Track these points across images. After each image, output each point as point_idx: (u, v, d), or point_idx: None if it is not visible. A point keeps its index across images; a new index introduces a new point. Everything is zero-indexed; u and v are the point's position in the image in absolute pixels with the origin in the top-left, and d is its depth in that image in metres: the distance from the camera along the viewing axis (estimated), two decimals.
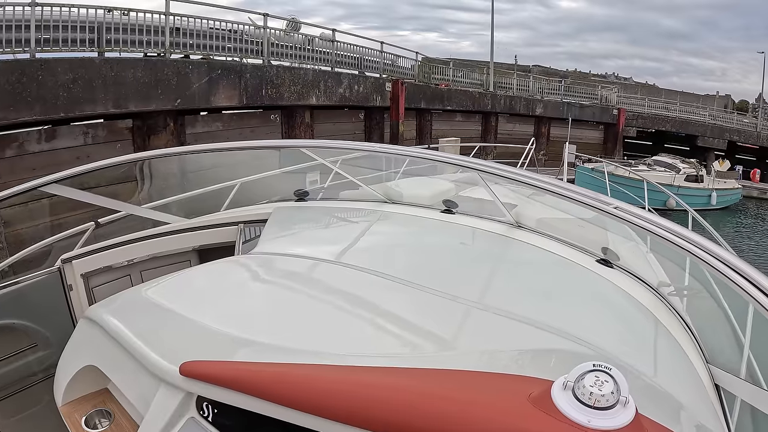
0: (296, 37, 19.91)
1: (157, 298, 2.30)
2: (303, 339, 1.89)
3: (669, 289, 2.96)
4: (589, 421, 1.26)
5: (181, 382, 1.68)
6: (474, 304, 2.35)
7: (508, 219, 3.46)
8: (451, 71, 30.87)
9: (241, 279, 2.56)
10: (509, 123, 31.62)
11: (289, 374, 1.57)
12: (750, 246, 22.74)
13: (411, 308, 2.23)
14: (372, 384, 1.51)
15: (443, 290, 2.38)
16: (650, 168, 26.71)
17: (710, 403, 2.05)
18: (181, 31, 15.02)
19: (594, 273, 2.91)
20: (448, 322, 2.16)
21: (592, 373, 1.34)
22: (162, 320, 2.11)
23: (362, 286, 2.44)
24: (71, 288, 3.16)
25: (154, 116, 13.74)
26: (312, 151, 4.17)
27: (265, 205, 3.94)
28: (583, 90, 38.42)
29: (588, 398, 1.29)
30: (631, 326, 2.51)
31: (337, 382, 1.53)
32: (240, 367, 1.66)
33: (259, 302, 2.26)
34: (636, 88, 60.13)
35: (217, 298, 2.29)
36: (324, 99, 19.75)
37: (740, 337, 2.60)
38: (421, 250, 3.18)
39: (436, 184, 4.72)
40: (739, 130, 42.22)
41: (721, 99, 77.53)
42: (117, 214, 3.67)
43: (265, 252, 2.89)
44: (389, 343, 1.98)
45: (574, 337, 2.05)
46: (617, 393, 1.30)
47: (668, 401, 1.81)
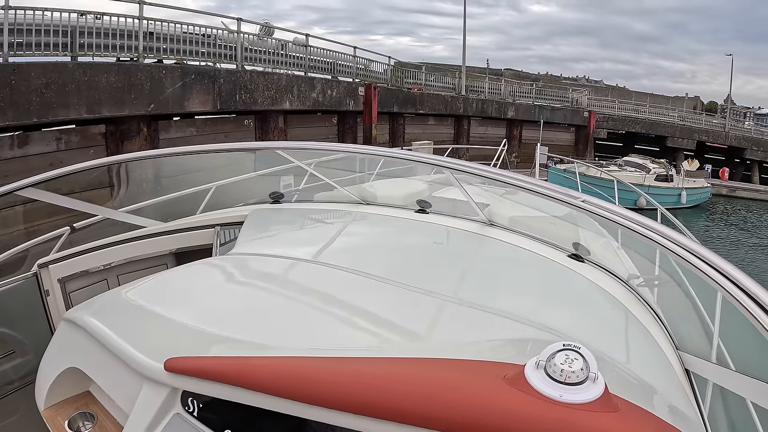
0: (270, 42, 20.02)
1: (136, 299, 2.32)
2: (283, 335, 1.95)
3: (638, 280, 3.08)
4: (561, 396, 1.34)
5: (166, 378, 1.71)
6: (449, 298, 2.41)
7: (480, 217, 3.54)
8: (424, 75, 31.22)
9: (220, 279, 2.59)
10: (481, 126, 32.01)
11: (275, 365, 1.63)
12: (720, 242, 23.37)
13: (387, 304, 2.29)
14: (354, 371, 1.57)
15: (419, 286, 2.44)
16: (621, 168, 27.24)
17: (680, 387, 2.14)
18: (155, 36, 15.03)
19: (565, 267, 3.02)
20: (424, 317, 2.22)
21: (563, 352, 1.43)
22: (143, 320, 2.14)
23: (339, 284, 2.49)
24: (48, 293, 3.16)
25: (127, 121, 13.70)
26: (287, 152, 4.20)
27: (241, 208, 3.97)
28: (555, 93, 39.05)
29: (559, 375, 1.38)
30: (602, 317, 2.61)
31: (321, 370, 1.58)
32: (225, 361, 1.69)
33: (239, 301, 2.29)
34: (607, 91, 61.04)
35: (196, 297, 2.32)
36: (297, 104, 19.86)
37: (709, 323, 2.71)
38: (397, 249, 3.25)
39: (410, 184, 4.87)
40: (707, 131, 43.10)
41: (691, 100, 78.91)
42: (92, 219, 3.67)
43: (243, 253, 2.95)
44: (367, 337, 2.05)
45: (546, 327, 2.14)
46: (587, 369, 1.39)
47: (640, 385, 1.89)
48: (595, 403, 1.33)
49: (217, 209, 4.05)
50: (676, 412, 1.80)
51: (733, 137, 42.79)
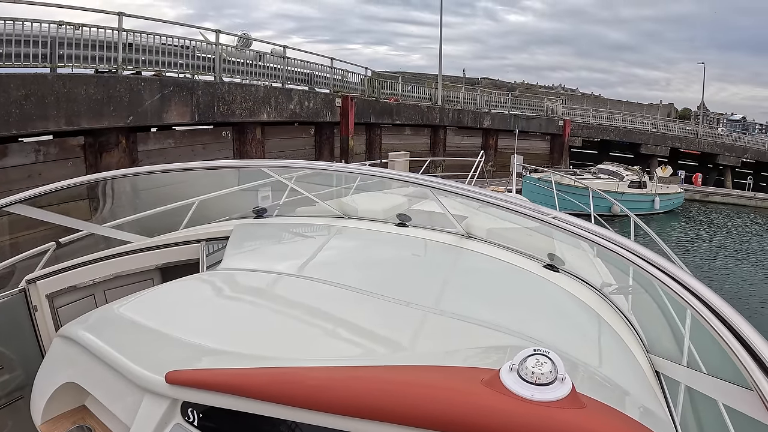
0: (247, 54, 20.16)
1: (130, 314, 2.37)
2: (275, 347, 2.02)
3: (611, 288, 3.23)
4: (532, 395, 1.48)
5: (167, 390, 1.78)
6: (429, 309, 2.52)
7: (459, 230, 3.66)
8: (400, 86, 31.60)
9: (211, 294, 2.65)
10: (458, 136, 32.47)
11: (272, 374, 1.73)
12: (693, 246, 23.94)
13: (371, 316, 2.39)
14: (347, 376, 1.69)
15: (400, 298, 2.55)
16: (595, 176, 27.75)
17: (650, 387, 2.28)
18: (134, 47, 15.08)
19: (541, 277, 3.14)
20: (406, 327, 2.34)
21: (533, 356, 1.57)
22: (139, 335, 2.19)
23: (325, 297, 2.58)
24: (36, 309, 3.16)
25: (106, 133, 13.72)
26: (273, 170, 4.33)
27: (225, 223, 4.04)
28: (530, 102, 39.61)
29: (530, 377, 1.52)
30: (575, 324, 2.75)
31: (316, 377, 1.69)
32: (224, 371, 1.77)
33: (228, 315, 2.36)
34: (582, 99, 62.02)
35: (189, 312, 2.39)
36: (275, 115, 19.98)
37: (680, 328, 2.82)
38: (379, 262, 3.36)
39: (390, 198, 4.95)
40: (681, 137, 44.08)
41: (665, 108, 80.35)
42: (78, 234, 3.69)
43: (231, 268, 3.03)
44: (354, 348, 2.15)
45: (523, 335, 2.26)
46: (555, 371, 1.53)
47: (610, 387, 2.01)
48: (563, 401, 1.47)
49: (200, 223, 4.14)
50: (646, 411, 1.92)
51: (706, 143, 43.80)
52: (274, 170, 4.36)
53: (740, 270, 20.56)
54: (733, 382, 1.82)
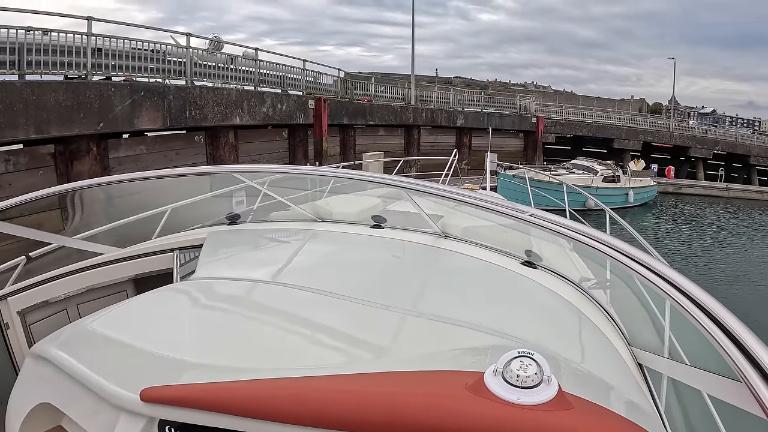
0: (219, 57, 20.08)
1: (103, 329, 2.31)
2: (249, 358, 1.99)
3: (590, 283, 3.22)
4: (518, 399, 1.46)
5: (143, 408, 1.73)
6: (408, 312, 2.50)
7: (435, 230, 3.63)
8: (373, 86, 31.70)
9: (185, 305, 2.59)
10: (431, 135, 32.69)
11: (249, 388, 1.70)
12: (668, 237, 24.45)
13: (349, 321, 2.36)
14: (327, 388, 1.66)
15: (379, 301, 2.53)
16: (569, 172, 28.15)
17: (634, 380, 2.27)
18: (103, 52, 14.93)
19: (519, 275, 3.13)
20: (385, 331, 2.32)
21: (518, 359, 1.56)
22: (112, 350, 2.14)
23: (300, 303, 2.55)
24: (8, 326, 3.07)
25: (76, 141, 13.56)
26: (244, 175, 4.21)
27: (198, 230, 3.94)
28: (503, 100, 39.99)
29: (516, 380, 1.51)
30: (555, 320, 2.73)
31: (294, 390, 1.66)
32: (200, 387, 1.72)
33: (204, 326, 2.31)
34: (554, 96, 62.61)
35: (163, 325, 2.34)
36: (248, 118, 19.93)
37: (660, 320, 2.85)
38: (355, 265, 3.32)
39: (364, 200, 4.97)
40: (653, 131, 44.86)
41: (636, 103, 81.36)
42: (49, 247, 3.60)
43: (205, 277, 2.96)
44: (334, 355, 2.12)
45: (503, 334, 2.25)
46: (540, 373, 1.52)
47: (594, 382, 2.01)
48: (550, 403, 1.46)
49: (174, 232, 4.05)
50: (631, 405, 1.91)
51: (678, 136, 44.61)
52: (246, 175, 4.25)
53: (715, 258, 21.07)
54: (719, 374, 1.81)
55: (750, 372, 1.47)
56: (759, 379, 1.44)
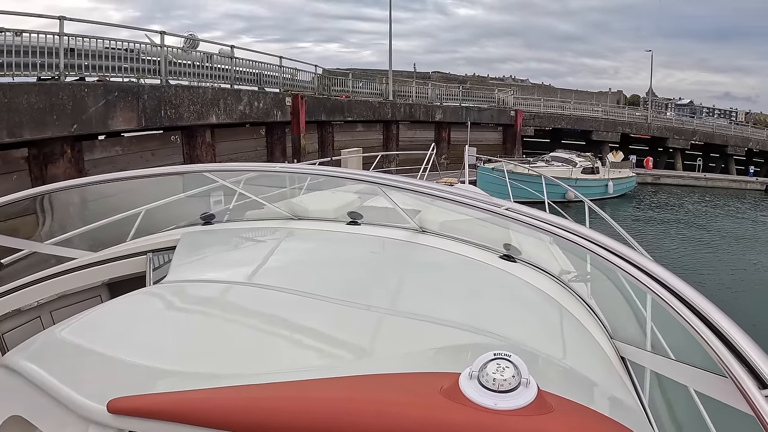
0: (195, 55, 19.97)
1: (73, 338, 2.23)
2: (226, 363, 1.93)
3: (570, 276, 3.19)
4: (496, 404, 1.41)
5: (111, 420, 1.67)
6: (386, 310, 2.45)
7: (411, 225, 3.61)
8: (351, 82, 31.72)
9: (157, 310, 2.52)
10: (410, 130, 32.77)
11: (217, 398, 1.63)
12: (648, 227, 24.83)
13: (326, 322, 2.30)
14: (296, 397, 1.60)
15: (356, 301, 2.47)
16: (548, 164, 28.38)
17: (617, 375, 2.25)
18: (76, 52, 14.75)
19: (498, 269, 3.09)
20: (363, 331, 2.26)
21: (494, 361, 1.51)
22: (82, 360, 2.06)
23: (277, 305, 2.49)
24: None
25: (50, 144, 13.40)
26: (216, 174, 4.12)
27: (172, 231, 3.84)
28: (482, 94, 40.17)
29: (492, 384, 1.45)
30: (536, 314, 2.70)
31: (267, 399, 1.60)
32: (168, 397, 1.67)
33: (178, 331, 2.24)
34: (533, 89, 63.02)
35: (135, 331, 2.26)
36: (224, 117, 19.84)
37: (643, 312, 2.85)
38: (331, 264, 3.25)
39: (340, 196, 4.87)
40: (631, 123, 45.33)
41: (614, 95, 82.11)
42: (21, 253, 3.52)
43: (178, 280, 2.86)
44: (308, 358, 2.06)
45: (483, 330, 2.21)
46: (518, 376, 1.46)
47: (577, 379, 1.97)
48: (529, 408, 1.41)
49: (148, 233, 3.95)
50: (614, 401, 1.89)
51: (656, 128, 45.14)
52: (221, 174, 4.19)
53: (694, 247, 21.47)
54: (704, 369, 1.79)
55: (736, 368, 1.45)
56: (745, 374, 1.43)
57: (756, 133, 51.08)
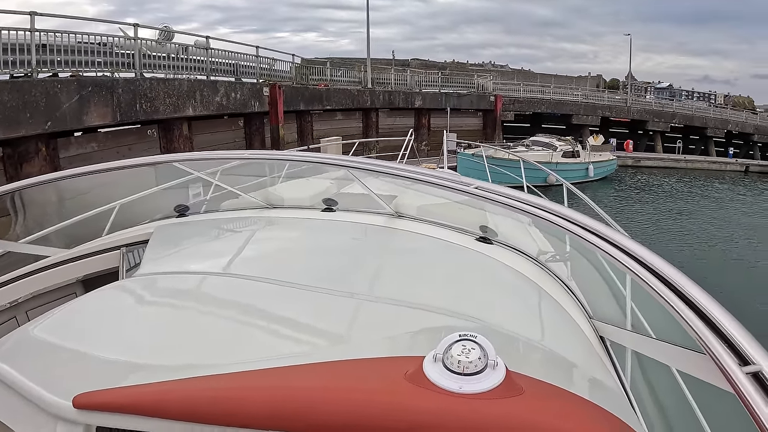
0: (170, 47, 19.81)
1: (45, 335, 2.19)
2: (197, 354, 1.90)
3: (549, 256, 3.20)
4: (461, 387, 1.37)
5: (77, 416, 1.64)
6: (362, 296, 2.42)
7: (387, 210, 3.59)
8: (329, 71, 31.63)
9: (128, 303, 2.48)
10: (390, 117, 32.87)
11: (183, 390, 1.60)
12: (628, 209, 25.17)
13: (300, 309, 2.28)
14: (260, 386, 1.58)
15: (331, 287, 2.45)
16: (528, 148, 28.56)
17: (596, 355, 2.24)
18: (48, 48, 14.55)
19: (474, 251, 3.09)
20: (339, 318, 2.23)
21: (459, 343, 1.46)
22: (51, 357, 2.03)
23: (251, 294, 2.46)
24: None
25: (24, 142, 13.25)
26: (188, 165, 4.09)
27: (146, 225, 3.79)
28: (461, 80, 40.22)
29: (457, 366, 1.40)
30: (512, 295, 2.69)
31: (230, 389, 1.58)
32: (134, 390, 1.63)
33: (149, 324, 2.21)
34: (513, 75, 63.14)
35: (105, 325, 2.23)
36: (201, 109, 19.75)
37: (622, 291, 2.86)
38: (306, 251, 3.22)
39: (316, 184, 4.85)
40: (610, 106, 45.72)
41: (594, 79, 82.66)
42: None
43: (149, 273, 2.83)
44: (282, 346, 2.02)
45: (458, 313, 2.19)
46: (485, 358, 1.42)
47: (554, 360, 1.95)
48: (496, 390, 1.37)
49: (124, 229, 3.89)
50: (593, 381, 1.87)
51: (636, 111, 45.58)
52: (194, 165, 4.14)
53: (675, 228, 21.88)
54: (683, 346, 1.76)
55: (714, 343, 1.44)
56: (723, 350, 1.42)
57: (735, 115, 51.62)
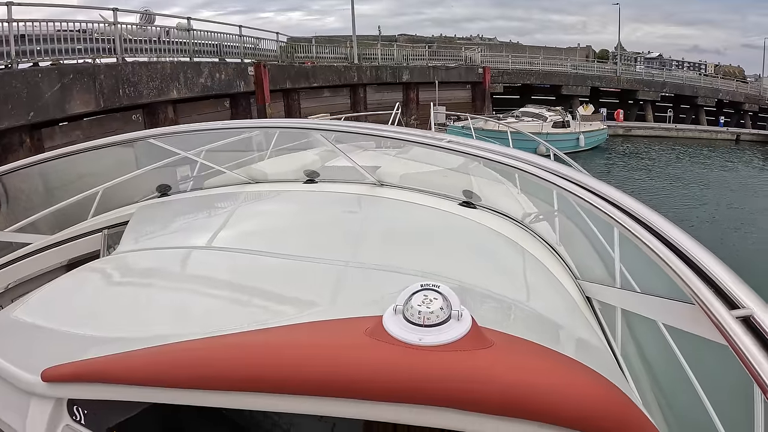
0: (152, 30, 19.67)
1: (19, 317, 2.23)
2: (170, 326, 1.90)
3: (535, 219, 3.20)
4: (420, 339, 1.29)
5: (47, 389, 1.65)
6: (341, 263, 2.41)
7: (370, 180, 3.58)
8: (314, 48, 31.45)
9: (102, 281, 2.51)
10: (377, 92, 32.66)
11: (144, 356, 1.59)
12: (619, 177, 25.42)
13: (278, 278, 2.27)
14: (219, 347, 1.55)
15: (311, 255, 2.45)
16: (518, 119, 28.53)
17: (581, 314, 2.24)
18: (27, 38, 14.47)
19: (457, 215, 3.09)
20: (315, 284, 2.21)
21: (420, 293, 1.38)
22: (25, 336, 2.08)
23: (227, 266, 2.48)
24: None
25: (8, 135, 13.18)
26: (171, 144, 4.08)
27: (128, 207, 3.78)
28: (449, 53, 40.05)
29: (417, 318, 1.33)
30: (497, 258, 2.70)
31: (194, 351, 1.56)
32: (101, 360, 1.64)
33: (122, 300, 2.23)
34: (501, 47, 62.78)
35: (78, 304, 2.26)
36: (185, 91, 19.69)
37: (609, 252, 2.81)
38: (287, 222, 3.25)
39: (300, 158, 4.83)
40: (600, 76, 45.83)
41: (583, 50, 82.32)
42: None
43: (128, 250, 2.85)
44: (258, 314, 2.01)
45: (437, 275, 2.10)
46: (447, 308, 1.34)
47: (536, 318, 1.93)
48: (459, 342, 1.30)
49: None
50: (577, 340, 1.85)
51: (625, 80, 45.65)
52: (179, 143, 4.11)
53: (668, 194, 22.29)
54: (671, 298, 1.72)
55: (703, 291, 1.41)
56: (713, 296, 1.39)
57: (725, 84, 51.51)
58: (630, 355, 2.39)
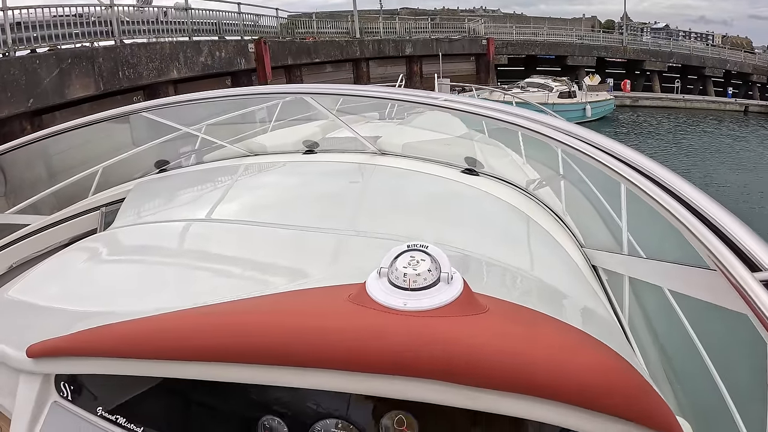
0: (149, 12, 19.57)
1: (13, 296, 2.19)
2: (164, 299, 1.83)
3: (538, 186, 3.14)
4: (405, 304, 1.20)
5: (33, 365, 1.62)
6: (341, 232, 2.36)
7: (370, 149, 3.55)
8: (315, 23, 31.16)
9: (96, 257, 2.46)
10: (381, 66, 32.43)
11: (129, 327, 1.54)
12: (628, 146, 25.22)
13: (275, 249, 2.23)
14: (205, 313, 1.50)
15: (310, 225, 2.40)
16: (524, 90, 28.28)
17: (586, 282, 2.18)
18: (23, 25, 14.40)
19: (459, 182, 3.03)
20: (312, 254, 2.16)
21: (407, 254, 1.29)
22: (15, 315, 2.04)
23: (226, 238, 2.42)
24: None
25: (8, 123, 13.19)
26: (171, 119, 4.01)
27: (127, 184, 3.73)
28: (452, 25, 39.68)
29: (402, 281, 1.23)
30: (499, 226, 2.62)
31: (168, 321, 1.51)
32: (86, 333, 1.59)
33: (116, 275, 2.20)
34: (504, 19, 62.13)
35: (70, 281, 2.22)
36: (186, 71, 19.64)
37: (616, 220, 2.76)
38: (285, 192, 3.21)
39: (301, 130, 4.74)
40: (606, 47, 45.35)
41: (588, 21, 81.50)
42: None
43: (123, 225, 2.81)
44: (255, 286, 1.96)
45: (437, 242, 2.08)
46: (436, 270, 1.24)
47: (538, 285, 1.87)
48: (448, 308, 1.19)
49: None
50: (583, 309, 1.80)
51: (632, 51, 45.21)
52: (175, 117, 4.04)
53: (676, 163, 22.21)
54: (688, 264, 1.61)
55: (726, 255, 1.29)
56: (736, 260, 1.27)
57: (733, 55, 50.80)
58: (638, 326, 2.32)
